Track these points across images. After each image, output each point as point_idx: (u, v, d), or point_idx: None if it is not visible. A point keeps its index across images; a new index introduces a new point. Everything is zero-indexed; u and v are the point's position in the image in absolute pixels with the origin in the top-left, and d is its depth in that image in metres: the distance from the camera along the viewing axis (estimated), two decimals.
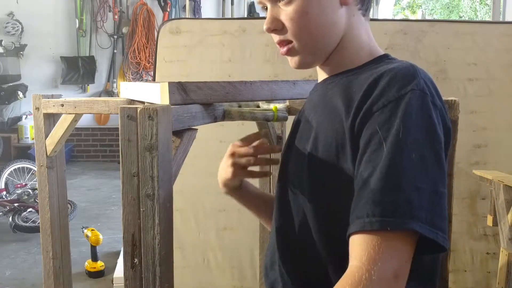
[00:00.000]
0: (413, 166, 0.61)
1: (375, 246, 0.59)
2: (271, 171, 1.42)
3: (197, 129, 0.86)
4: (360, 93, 0.69)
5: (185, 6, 6.44)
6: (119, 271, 2.61)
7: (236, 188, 0.97)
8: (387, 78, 0.68)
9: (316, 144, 0.75)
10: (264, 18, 0.84)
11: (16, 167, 4.50)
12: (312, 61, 0.81)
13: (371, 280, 0.57)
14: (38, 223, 1.92)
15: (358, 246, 0.60)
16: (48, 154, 1.35)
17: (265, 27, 0.79)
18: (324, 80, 0.83)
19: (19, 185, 4.19)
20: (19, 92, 6.13)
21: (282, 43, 0.80)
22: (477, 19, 10.49)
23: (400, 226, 0.58)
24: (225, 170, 0.94)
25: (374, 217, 0.59)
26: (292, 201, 0.81)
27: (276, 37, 0.80)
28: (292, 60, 0.81)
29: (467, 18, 10.83)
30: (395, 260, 0.58)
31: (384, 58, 0.79)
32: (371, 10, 0.86)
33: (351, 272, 0.59)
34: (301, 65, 0.81)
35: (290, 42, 0.79)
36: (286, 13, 0.77)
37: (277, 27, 0.78)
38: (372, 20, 0.83)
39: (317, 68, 0.85)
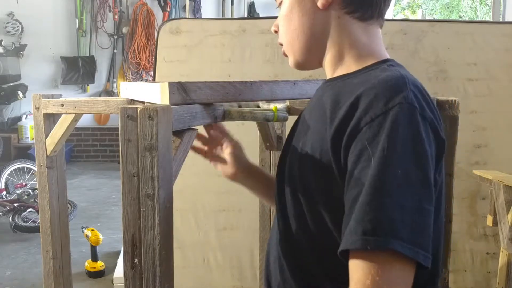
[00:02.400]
0: (397, 183, 0.60)
1: (356, 264, 0.60)
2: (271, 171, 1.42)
3: (197, 129, 0.86)
4: (347, 103, 0.68)
5: (185, 6, 6.44)
6: (119, 271, 2.62)
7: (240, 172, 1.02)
8: (374, 91, 0.66)
9: (305, 147, 0.76)
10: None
11: (16, 167, 4.50)
12: (302, 62, 0.84)
13: None
14: (38, 223, 1.92)
15: (350, 263, 0.61)
16: (48, 154, 1.35)
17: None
18: (324, 82, 0.84)
19: (19, 185, 4.19)
20: (19, 92, 6.13)
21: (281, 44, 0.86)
22: (477, 19, 10.48)
23: (380, 245, 0.58)
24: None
25: (356, 235, 0.59)
26: (287, 197, 0.82)
27: None
28: (288, 61, 0.86)
29: (467, 18, 10.83)
30: (372, 278, 0.58)
31: (383, 64, 0.76)
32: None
33: None
34: (293, 66, 0.85)
35: (282, 44, 0.85)
36: (278, 17, 0.84)
37: (277, 30, 0.86)
38: (359, 19, 0.83)
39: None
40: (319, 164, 0.71)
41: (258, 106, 1.03)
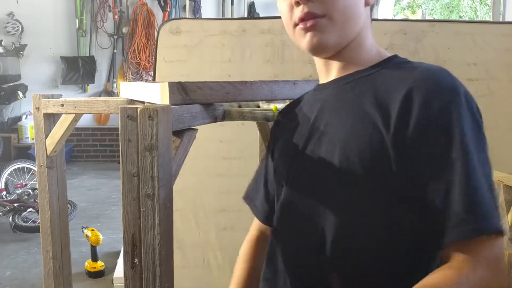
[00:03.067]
0: (481, 169, 0.64)
1: (471, 251, 0.62)
2: None
3: (197, 129, 0.86)
4: (398, 98, 0.68)
5: (185, 6, 6.44)
6: (119, 271, 2.62)
7: None
8: (428, 82, 0.68)
9: (346, 149, 0.72)
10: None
11: (16, 167, 4.50)
12: (333, 43, 0.77)
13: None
14: (38, 223, 1.92)
15: (458, 253, 0.63)
16: (48, 154, 1.35)
17: None
18: (338, 80, 0.81)
19: (19, 185, 4.19)
20: (19, 92, 6.13)
21: (309, 15, 0.74)
22: (477, 19, 10.48)
23: (493, 228, 0.62)
24: None
25: (467, 225, 0.62)
26: (304, 205, 0.78)
27: (302, 10, 0.75)
28: (315, 37, 0.76)
29: (467, 18, 10.83)
30: (488, 259, 0.62)
31: (397, 58, 0.81)
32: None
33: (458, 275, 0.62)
34: (321, 44, 0.76)
35: (319, 16, 0.74)
36: None
37: None
38: (372, 20, 0.85)
39: (320, 67, 0.84)
40: (370, 164, 0.69)
41: (258, 106, 1.04)
